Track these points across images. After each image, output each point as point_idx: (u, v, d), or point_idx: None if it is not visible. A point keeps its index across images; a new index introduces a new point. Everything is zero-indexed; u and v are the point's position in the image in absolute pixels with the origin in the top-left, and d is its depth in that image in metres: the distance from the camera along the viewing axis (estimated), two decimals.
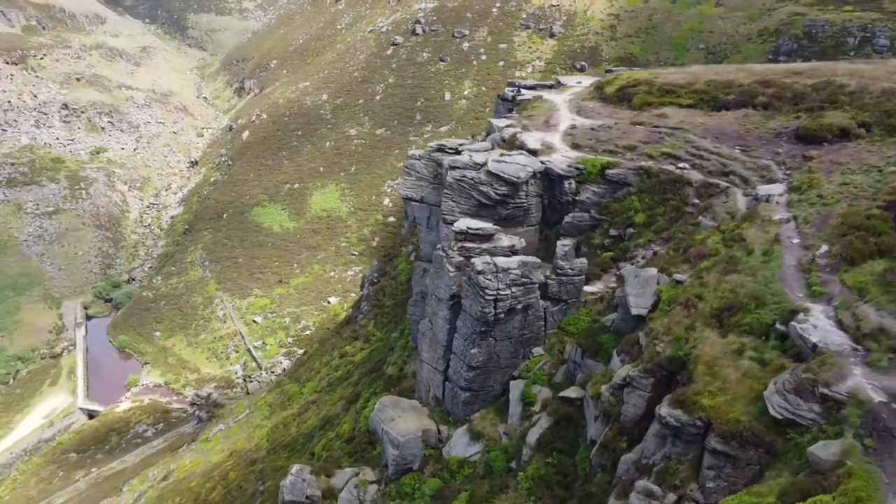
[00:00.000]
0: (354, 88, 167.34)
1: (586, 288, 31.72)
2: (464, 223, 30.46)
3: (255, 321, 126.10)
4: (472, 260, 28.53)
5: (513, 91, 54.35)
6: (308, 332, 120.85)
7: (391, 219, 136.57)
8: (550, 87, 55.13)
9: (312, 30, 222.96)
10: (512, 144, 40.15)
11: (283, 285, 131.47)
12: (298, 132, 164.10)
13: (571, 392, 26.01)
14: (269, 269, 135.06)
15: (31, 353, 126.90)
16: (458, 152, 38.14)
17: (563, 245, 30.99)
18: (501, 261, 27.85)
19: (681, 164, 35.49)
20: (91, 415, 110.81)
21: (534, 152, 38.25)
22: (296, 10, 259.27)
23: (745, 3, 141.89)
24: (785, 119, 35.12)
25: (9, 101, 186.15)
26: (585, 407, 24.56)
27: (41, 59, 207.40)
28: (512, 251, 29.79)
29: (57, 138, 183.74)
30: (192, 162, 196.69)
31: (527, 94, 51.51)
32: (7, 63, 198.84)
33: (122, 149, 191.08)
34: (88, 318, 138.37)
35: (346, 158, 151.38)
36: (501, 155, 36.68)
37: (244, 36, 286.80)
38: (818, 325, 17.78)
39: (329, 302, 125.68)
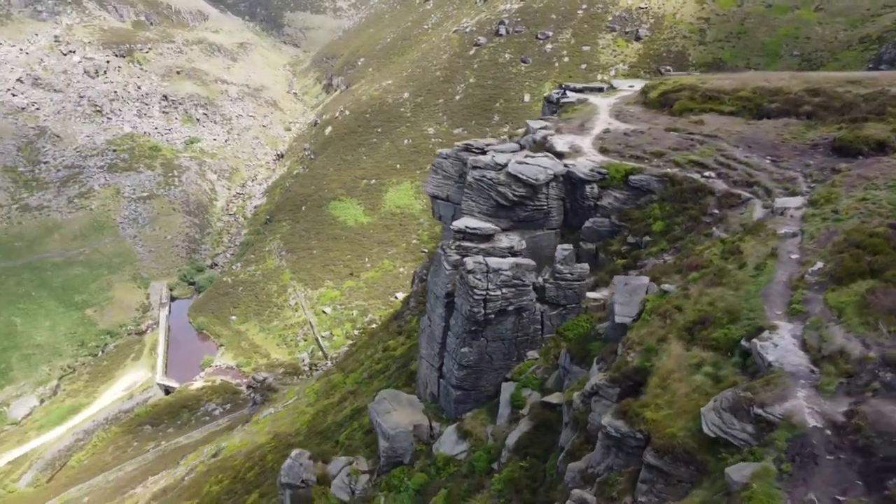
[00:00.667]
0: (435, 87, 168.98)
1: (592, 294, 31.13)
2: (462, 222, 30.58)
3: (324, 312, 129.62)
4: (465, 259, 28.57)
5: (558, 93, 53.69)
6: (374, 325, 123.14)
7: None
8: (599, 90, 54.07)
9: (400, 29, 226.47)
10: (541, 146, 39.75)
11: (353, 278, 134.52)
12: (378, 129, 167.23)
13: (553, 398, 25.69)
14: (341, 261, 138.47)
15: (119, 329, 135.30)
16: (484, 152, 38.13)
17: (563, 249, 30.52)
18: (493, 261, 27.76)
19: (706, 173, 34.22)
20: (167, 390, 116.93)
21: (560, 155, 37.77)
22: (386, 9, 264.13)
23: (848, 8, 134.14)
24: (826, 130, 33.16)
25: (115, 92, 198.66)
26: (563, 413, 24.19)
27: (147, 52, 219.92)
28: (511, 252, 29.59)
29: (156, 128, 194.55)
30: (278, 154, 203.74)
31: (572, 97, 50.75)
32: (116, 56, 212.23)
33: (215, 140, 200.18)
34: (172, 298, 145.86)
35: (422, 156, 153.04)
36: (526, 156, 36.38)
37: (336, 34, 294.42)
38: (779, 345, 16.96)
39: (396, 297, 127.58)
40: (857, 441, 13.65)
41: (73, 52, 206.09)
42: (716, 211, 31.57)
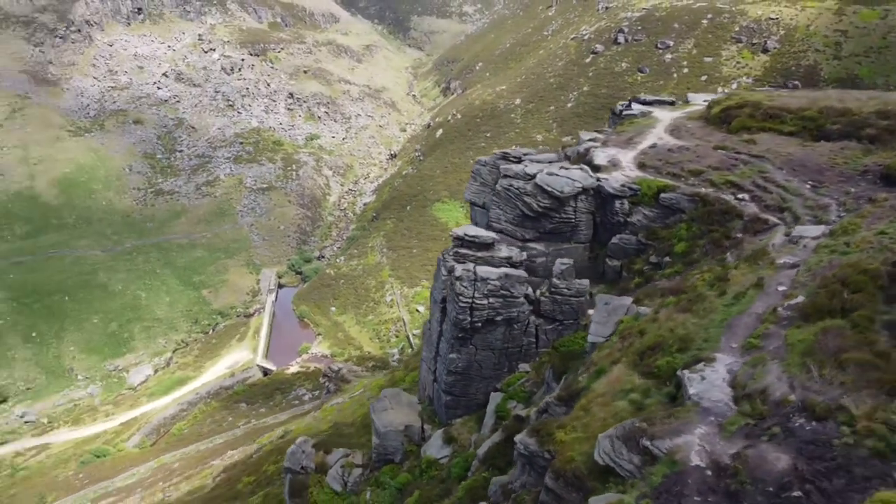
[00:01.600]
0: (548, 95, 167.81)
1: (592, 311, 30.04)
2: (463, 229, 30.42)
3: (417, 310, 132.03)
4: (455, 265, 28.44)
5: (622, 106, 51.89)
6: None
7: None
8: (670, 103, 51.69)
9: (520, 35, 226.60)
10: (581, 158, 38.75)
11: None
12: (487, 133, 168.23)
13: (523, 411, 25.06)
14: None
15: (230, 311, 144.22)
16: (520, 161, 37.63)
17: (562, 263, 29.65)
18: (483, 270, 27.46)
19: (740, 195, 32.09)
20: (265, 372, 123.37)
21: (597, 168, 36.68)
22: (509, 14, 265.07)
23: None
24: (885, 155, 30.13)
25: (247, 88, 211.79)
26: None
27: (279, 52, 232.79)
28: (509, 262, 29.10)
29: (280, 123, 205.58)
30: (391, 154, 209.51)
31: (636, 110, 48.91)
32: (251, 54, 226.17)
33: (333, 137, 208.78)
34: (280, 286, 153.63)
35: None
36: (561, 168, 35.62)
37: (458, 38, 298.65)
38: (707, 378, 15.92)
39: None
40: (730, 485, 12.79)
41: (214, 50, 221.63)
42: (739, 235, 29.72)
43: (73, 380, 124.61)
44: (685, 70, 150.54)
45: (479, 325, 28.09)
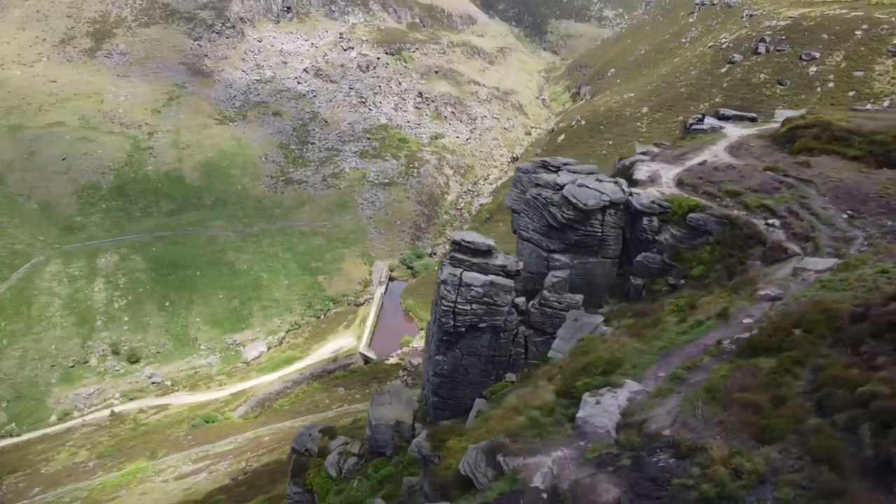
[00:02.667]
0: (677, 104, 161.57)
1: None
2: (460, 234, 30.17)
3: None
4: (441, 269, 28.38)
5: (695, 119, 48.96)
6: None
7: None
8: (752, 119, 48.12)
9: (657, 41, 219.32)
10: (622, 172, 37.31)
11: None
12: (609, 141, 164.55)
13: None
14: None
15: (341, 298, 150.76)
16: (558, 170, 36.75)
17: (554, 276, 28.68)
18: (468, 276, 27.24)
19: (771, 220, 29.68)
20: (366, 360, 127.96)
21: (634, 182, 35.19)
22: (648, 20, 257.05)
23: None
24: None
25: (379, 86, 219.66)
26: None
27: (413, 52, 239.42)
28: (504, 271, 28.55)
29: (407, 121, 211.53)
30: (513, 157, 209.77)
31: (707, 124, 46.02)
32: (386, 53, 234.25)
33: (457, 137, 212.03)
34: (391, 279, 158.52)
35: None
36: (597, 179, 34.47)
37: (594, 43, 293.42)
38: (602, 403, 15.27)
39: None
40: None
41: (352, 48, 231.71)
42: (757, 262, 27.66)
43: (196, 349, 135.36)
44: (830, 84, 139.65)
45: (463, 330, 28.22)
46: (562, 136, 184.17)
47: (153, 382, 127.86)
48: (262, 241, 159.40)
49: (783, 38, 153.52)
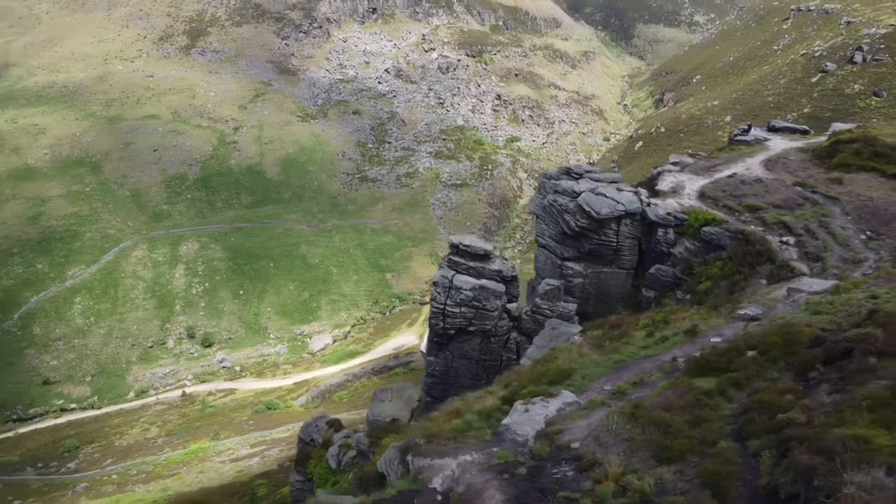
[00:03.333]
0: (762, 114, 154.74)
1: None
2: (459, 238, 29.91)
3: None
4: (437, 273, 28.21)
5: (740, 131, 46.60)
6: None
7: None
8: (802, 132, 45.42)
9: (747, 48, 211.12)
10: (648, 181, 36.13)
11: None
12: (689, 150, 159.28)
13: None
14: None
15: (407, 296, 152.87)
16: (581, 177, 35.88)
17: (547, 284, 28.12)
18: (459, 279, 27.06)
19: (785, 238, 28.16)
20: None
21: (656, 193, 33.98)
22: (739, 26, 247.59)
23: None
24: None
25: (458, 88, 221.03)
26: None
27: (494, 54, 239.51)
28: (500, 276, 28.14)
29: (484, 124, 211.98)
30: (590, 163, 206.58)
31: (753, 136, 43.77)
32: (467, 55, 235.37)
33: (533, 141, 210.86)
34: None
35: None
36: (617, 189, 33.50)
37: (682, 49, 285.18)
38: (531, 412, 15.10)
39: None
40: None
41: (433, 49, 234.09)
42: (762, 280, 26.23)
43: (266, 337, 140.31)
44: None
45: (453, 332, 28.20)
46: (640, 143, 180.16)
47: (223, 367, 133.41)
48: (334, 237, 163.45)
49: (882, 46, 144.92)
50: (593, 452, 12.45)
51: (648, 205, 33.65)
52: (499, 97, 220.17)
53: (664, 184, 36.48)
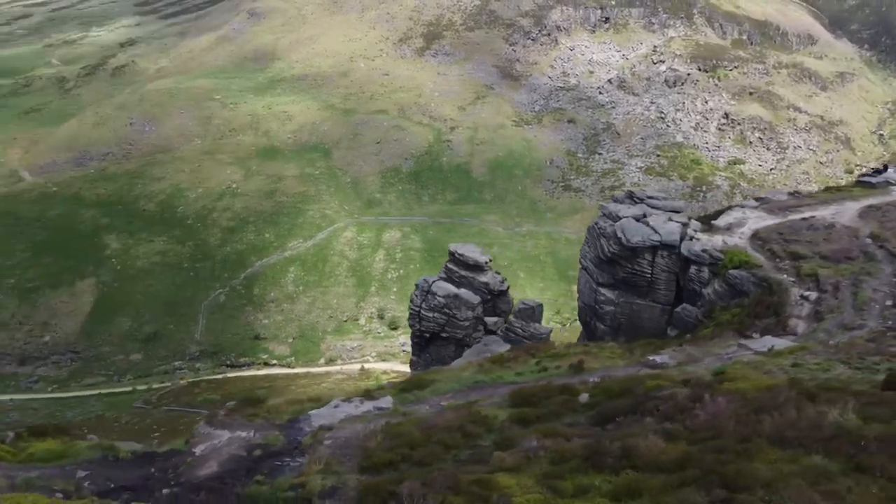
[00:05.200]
0: None
1: None
2: (457, 247, 28.48)
3: None
4: (423, 277, 27.28)
5: (874, 171, 38.29)
6: None
7: None
8: None
9: None
10: (713, 215, 31.70)
11: None
12: None
13: None
14: None
15: None
16: (641, 202, 32.38)
17: (523, 303, 25.87)
18: (437, 286, 26.12)
19: (808, 293, 23.29)
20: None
21: (712, 228, 29.71)
22: None
23: None
24: None
25: (682, 103, 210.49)
26: None
27: (730, 70, 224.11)
28: (487, 289, 26.61)
29: (706, 143, 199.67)
30: None
31: (884, 178, 35.89)
32: (699, 69, 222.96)
33: (760, 165, 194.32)
34: None
35: None
36: (669, 220, 29.83)
37: None
38: (341, 409, 15.75)
39: None
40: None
41: (662, 62, 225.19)
42: (755, 334, 22.00)
43: None
44: None
45: (428, 336, 27.63)
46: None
47: (403, 350, 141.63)
48: (527, 242, 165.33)
49: None
50: (323, 453, 13.06)
51: (690, 239, 30.61)
52: (727, 115, 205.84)
53: (724, 220, 32.93)
